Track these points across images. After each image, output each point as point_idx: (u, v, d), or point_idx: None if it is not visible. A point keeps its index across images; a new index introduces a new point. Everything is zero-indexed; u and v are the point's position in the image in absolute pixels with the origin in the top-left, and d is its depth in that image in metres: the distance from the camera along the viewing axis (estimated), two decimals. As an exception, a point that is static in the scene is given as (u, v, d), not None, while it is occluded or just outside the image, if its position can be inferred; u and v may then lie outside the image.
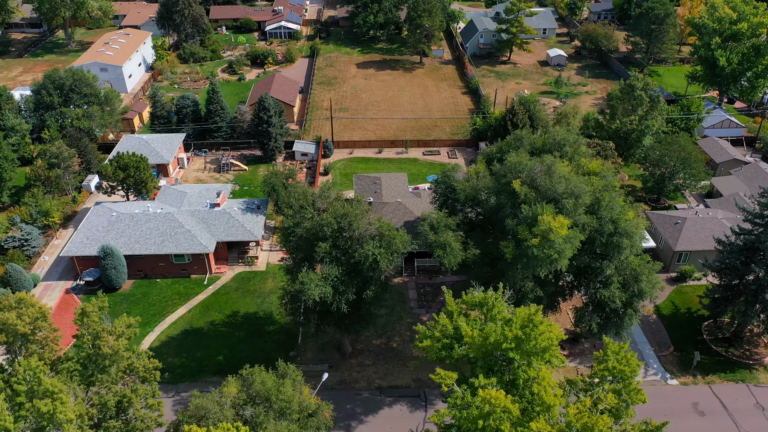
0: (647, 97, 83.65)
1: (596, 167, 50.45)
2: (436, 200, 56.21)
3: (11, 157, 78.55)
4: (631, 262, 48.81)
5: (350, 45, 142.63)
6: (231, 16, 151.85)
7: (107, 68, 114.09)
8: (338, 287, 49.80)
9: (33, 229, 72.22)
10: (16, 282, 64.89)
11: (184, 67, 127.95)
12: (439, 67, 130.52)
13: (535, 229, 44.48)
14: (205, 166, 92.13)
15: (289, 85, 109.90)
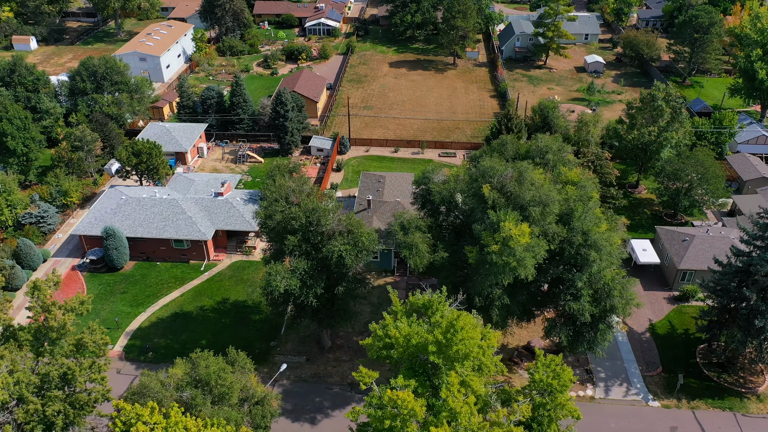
0: (668, 108, 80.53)
1: (574, 177, 49.16)
2: (415, 201, 56.11)
3: (38, 138, 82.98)
4: (604, 276, 47.34)
5: (387, 44, 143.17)
6: (274, 12, 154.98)
7: (146, 58, 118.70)
8: (306, 281, 50.53)
9: (50, 208, 76.17)
10: (26, 256, 68.70)
11: (222, 59, 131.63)
12: (472, 69, 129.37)
13: (497, 235, 43.88)
14: (223, 157, 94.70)
15: (315, 82, 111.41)
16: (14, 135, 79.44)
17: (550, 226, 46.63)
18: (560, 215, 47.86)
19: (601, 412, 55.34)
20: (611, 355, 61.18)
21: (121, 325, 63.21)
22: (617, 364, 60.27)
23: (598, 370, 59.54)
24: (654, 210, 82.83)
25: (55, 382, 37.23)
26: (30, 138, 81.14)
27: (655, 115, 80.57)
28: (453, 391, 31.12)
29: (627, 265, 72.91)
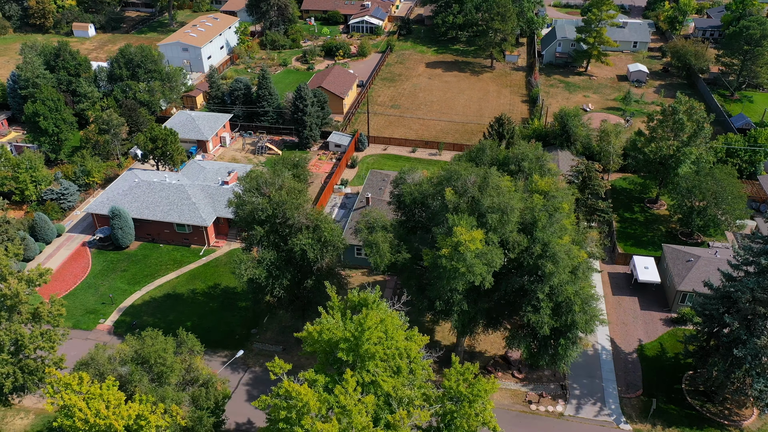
0: (691, 122, 76.93)
1: (545, 186, 47.93)
2: (392, 201, 56.11)
3: (69, 120, 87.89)
4: (566, 289, 46.03)
5: (427, 44, 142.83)
6: (321, 8, 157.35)
7: (188, 48, 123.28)
8: (272, 271, 51.65)
9: (71, 186, 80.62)
10: (41, 230, 73.04)
11: (263, 53, 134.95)
12: (509, 73, 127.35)
13: (448, 239, 43.53)
14: (244, 147, 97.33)
15: (345, 78, 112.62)
16: (46, 115, 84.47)
17: (510, 235, 45.79)
18: (524, 224, 46.92)
19: (567, 429, 53.91)
20: (590, 372, 59.42)
21: (116, 301, 66.33)
22: (595, 382, 58.43)
23: (574, 387, 57.91)
24: (670, 228, 79.43)
25: (7, 347, 39.81)
26: (61, 119, 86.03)
27: (676, 128, 77.18)
28: (348, 388, 31.28)
29: (628, 282, 70.64)
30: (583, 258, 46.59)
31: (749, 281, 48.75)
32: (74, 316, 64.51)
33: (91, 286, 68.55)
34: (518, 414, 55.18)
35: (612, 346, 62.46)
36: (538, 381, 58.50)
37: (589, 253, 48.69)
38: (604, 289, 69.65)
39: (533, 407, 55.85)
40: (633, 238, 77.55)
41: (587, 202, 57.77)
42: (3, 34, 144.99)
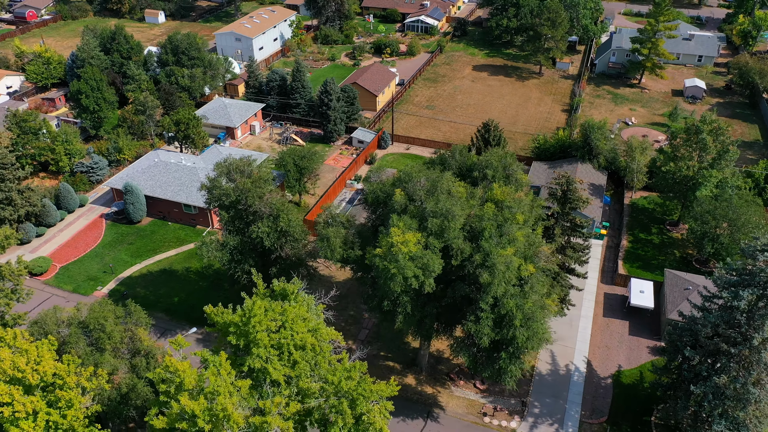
0: (716, 144, 72.31)
1: (500, 196, 46.84)
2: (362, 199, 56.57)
3: (110, 99, 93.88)
4: (507, 302, 44.90)
5: (480, 46, 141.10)
6: (381, 6, 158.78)
7: (241, 38, 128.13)
8: (235, 256, 53.53)
9: (102, 161, 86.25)
10: (65, 199, 78.70)
11: (315, 47, 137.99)
12: (556, 80, 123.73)
13: (385, 239, 43.67)
14: (271, 136, 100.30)
15: (382, 76, 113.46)
16: (88, 94, 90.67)
17: (455, 241, 45.25)
18: (472, 232, 46.20)
19: (515, 446, 52.61)
20: (557, 392, 57.53)
21: (115, 271, 70.59)
22: (559, 403, 56.53)
23: (535, 405, 56.31)
24: (686, 253, 75.07)
25: (-33, 299, 43.94)
26: (102, 98, 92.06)
27: (699, 149, 72.82)
28: (221, 371, 32.32)
29: (622, 305, 67.59)
30: (530, 272, 45.22)
31: (712, 315, 45.74)
32: (76, 281, 69.32)
33: (98, 255, 73.27)
34: (469, 425, 54.36)
35: (587, 369, 60.09)
36: (499, 394, 57.29)
37: (542, 267, 47.12)
38: (595, 310, 66.99)
39: (486, 420, 54.82)
40: (642, 260, 73.97)
41: (567, 216, 55.70)
42: (84, 17, 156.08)
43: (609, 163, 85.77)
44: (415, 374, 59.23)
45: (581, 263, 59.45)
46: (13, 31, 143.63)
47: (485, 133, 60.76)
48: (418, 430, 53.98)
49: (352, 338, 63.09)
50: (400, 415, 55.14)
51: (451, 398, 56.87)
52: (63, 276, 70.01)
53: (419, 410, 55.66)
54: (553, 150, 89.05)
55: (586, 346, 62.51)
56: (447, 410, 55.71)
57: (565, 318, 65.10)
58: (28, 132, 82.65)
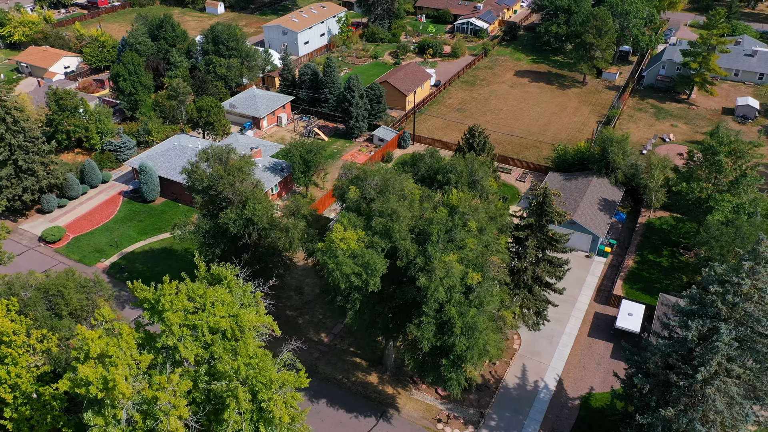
0: (734, 166, 68.16)
1: (455, 201, 46.21)
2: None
3: (146, 83, 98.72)
4: (449, 309, 44.36)
5: (527, 52, 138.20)
6: (434, 6, 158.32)
7: (287, 32, 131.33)
8: (207, 240, 55.48)
9: (130, 141, 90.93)
10: (88, 175, 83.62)
11: (360, 44, 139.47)
12: (599, 91, 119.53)
13: (328, 235, 44.19)
14: (296, 129, 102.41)
15: (416, 76, 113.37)
16: (125, 77, 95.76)
17: (401, 243, 45.17)
18: (420, 235, 45.94)
19: (461, 456, 51.88)
20: (518, 408, 56.20)
21: (120, 246, 74.47)
22: (518, 418, 55.20)
23: (493, 417, 55.26)
24: (694, 279, 71.18)
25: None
26: (138, 82, 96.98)
27: (716, 170, 68.90)
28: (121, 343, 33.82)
29: (611, 326, 65.01)
30: (476, 280, 44.42)
31: (662, 344, 43.52)
32: (83, 251, 73.65)
33: (108, 229, 77.50)
34: (420, 429, 54.02)
35: (557, 387, 58.28)
36: (459, 402, 56.53)
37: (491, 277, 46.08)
38: (581, 328, 64.76)
39: (439, 426, 54.30)
40: (644, 282, 70.79)
41: (542, 229, 54.06)
42: (151, 4, 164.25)
43: (628, 179, 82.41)
44: (380, 373, 59.35)
45: (557, 278, 57.68)
46: (84, 15, 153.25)
47: (470, 138, 59.84)
48: (368, 427, 54.16)
49: (327, 331, 63.89)
50: (354, 411, 55.59)
51: (410, 401, 56.65)
52: (73, 246, 74.54)
53: (375, 409, 55.81)
54: (572, 161, 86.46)
55: (561, 364, 60.61)
56: (402, 412, 55.57)
57: (545, 333, 63.43)
58: (66, 109, 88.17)
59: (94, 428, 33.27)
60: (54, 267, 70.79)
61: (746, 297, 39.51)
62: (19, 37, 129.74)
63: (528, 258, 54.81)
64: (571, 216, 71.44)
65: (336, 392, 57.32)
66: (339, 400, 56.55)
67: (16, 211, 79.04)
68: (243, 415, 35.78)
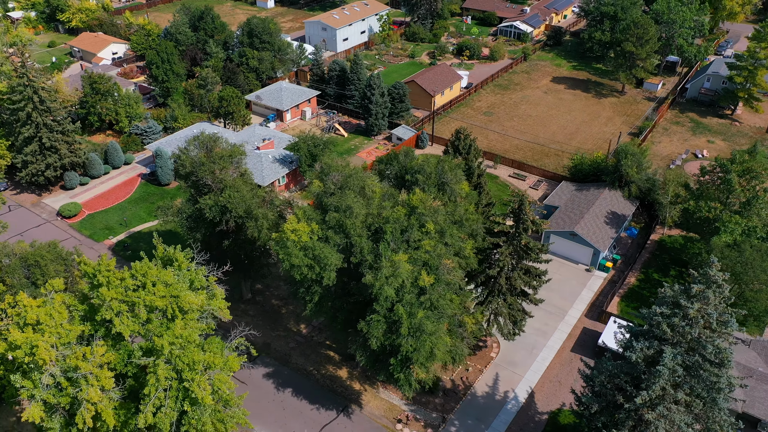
0: (747, 187, 64.53)
1: (415, 202, 45.90)
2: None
3: (178, 72, 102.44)
4: (397, 308, 44.24)
5: (569, 58, 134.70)
6: (481, 8, 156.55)
7: (326, 28, 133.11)
8: (190, 224, 57.34)
9: (156, 126, 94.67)
10: (111, 156, 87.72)
11: (399, 43, 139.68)
12: (638, 102, 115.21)
13: (283, 226, 44.95)
14: (318, 123, 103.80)
15: (446, 77, 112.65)
16: (158, 65, 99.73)
17: (356, 239, 45.40)
18: (377, 233, 45.99)
19: (414, 459, 51.61)
20: (483, 416, 55.37)
21: (129, 225, 77.79)
22: (480, 427, 54.35)
23: (455, 423, 54.63)
24: (698, 302, 67.79)
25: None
26: (170, 70, 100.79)
27: (726, 190, 65.47)
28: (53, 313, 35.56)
29: (595, 343, 62.92)
30: (428, 282, 44.07)
31: (609, 364, 41.95)
32: (94, 228, 77.41)
33: (121, 208, 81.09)
34: (379, 428, 54.05)
35: (527, 400, 56.98)
36: (424, 405, 56.20)
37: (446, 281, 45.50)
38: (565, 343, 63.00)
39: (398, 426, 54.16)
40: (642, 301, 68.09)
41: (517, 237, 52.81)
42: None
43: (643, 194, 79.32)
44: (351, 368, 59.66)
45: (533, 288, 56.36)
46: (141, 5, 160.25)
47: (456, 141, 59.09)
48: (327, 420, 54.62)
49: (306, 323, 64.71)
50: (318, 403, 56.19)
51: (374, 398, 56.73)
52: (87, 222, 78.47)
53: (338, 403, 56.21)
54: (587, 172, 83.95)
55: (537, 377, 59.18)
56: (364, 409, 55.72)
57: (526, 344, 62.12)
58: (99, 93, 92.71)
59: (22, 390, 35.24)
60: (65, 240, 74.73)
61: (692, 321, 37.56)
62: (76, 22, 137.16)
63: (501, 265, 53.77)
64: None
65: (304, 383, 58.07)
66: (305, 391, 57.28)
67: (41, 186, 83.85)
68: (168, 392, 36.99)
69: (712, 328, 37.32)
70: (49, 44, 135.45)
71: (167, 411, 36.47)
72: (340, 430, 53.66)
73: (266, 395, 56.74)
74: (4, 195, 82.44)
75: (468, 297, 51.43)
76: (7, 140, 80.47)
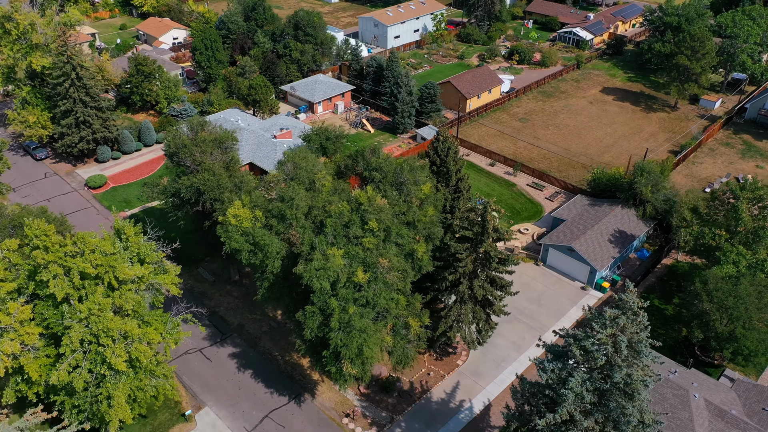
0: (759, 216, 59.81)
1: (362, 198, 45.91)
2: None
3: (220, 59, 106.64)
4: (330, 302, 44.60)
5: (626, 69, 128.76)
6: (543, 12, 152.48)
7: (378, 25, 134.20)
8: (175, 203, 60.11)
9: (192, 109, 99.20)
10: (144, 134, 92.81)
11: (452, 44, 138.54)
12: (689, 119, 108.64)
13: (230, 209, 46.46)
14: (348, 118, 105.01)
15: (484, 80, 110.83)
16: (202, 51, 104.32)
17: (298, 229, 46.19)
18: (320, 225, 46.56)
19: (351, 454, 51.78)
20: (430, 422, 54.77)
21: (144, 201, 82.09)
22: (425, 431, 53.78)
23: (401, 424, 54.35)
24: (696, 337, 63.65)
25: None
26: (213, 57, 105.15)
27: (733, 217, 61.00)
28: None
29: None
30: (363, 279, 44.13)
31: (527, 383, 40.46)
32: (114, 200, 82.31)
33: (143, 184, 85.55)
34: (324, 419, 54.59)
35: (482, 412, 55.74)
36: (377, 403, 56.20)
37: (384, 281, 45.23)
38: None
39: (345, 421, 54.49)
40: (634, 327, 64.59)
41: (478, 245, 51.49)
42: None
43: (660, 214, 75.17)
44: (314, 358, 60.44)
45: (497, 298, 54.94)
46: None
47: (435, 143, 57.94)
48: (277, 405, 55.67)
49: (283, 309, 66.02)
50: (273, 387, 57.40)
51: (329, 390, 57.28)
52: (108, 194, 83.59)
53: (293, 390, 57.16)
54: (605, 187, 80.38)
55: (498, 390, 57.69)
56: (316, 399, 56.41)
57: (496, 356, 60.75)
58: (143, 74, 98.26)
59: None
60: (84, 209, 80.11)
61: (602, 344, 35.61)
62: (148, 7, 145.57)
63: (462, 272, 52.80)
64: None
65: (266, 367, 59.44)
66: (265, 375, 58.62)
67: (76, 157, 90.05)
68: (87, 355, 39.29)
69: (621, 355, 35.24)
70: (120, 27, 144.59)
71: (83, 372, 38.74)
72: (286, 416, 54.66)
73: (227, 374, 58.60)
74: (46, 162, 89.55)
75: (418, 299, 50.93)
76: (50, 113, 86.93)
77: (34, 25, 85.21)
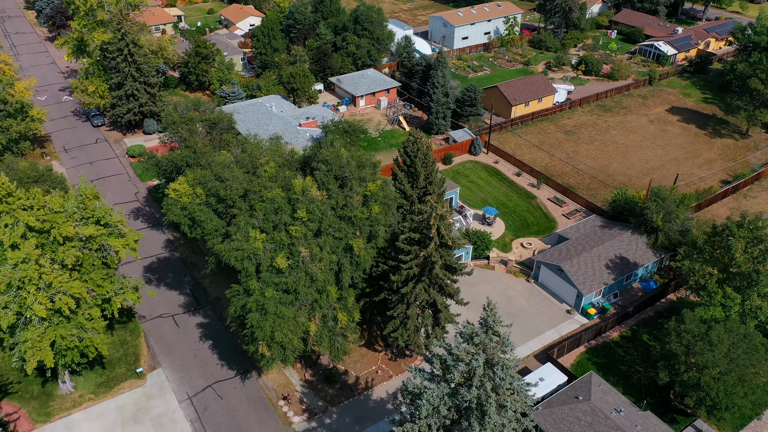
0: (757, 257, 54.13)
1: (297, 188, 46.87)
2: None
3: (278, 47, 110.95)
4: (252, 283, 46.14)
5: (704, 89, 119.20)
6: (629, 23, 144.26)
7: (447, 24, 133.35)
8: (166, 174, 64.20)
9: (240, 92, 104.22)
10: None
11: (521, 49, 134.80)
12: (759, 148, 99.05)
13: (175, 185, 49.32)
14: (387, 114, 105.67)
15: (535, 88, 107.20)
16: (259, 38, 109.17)
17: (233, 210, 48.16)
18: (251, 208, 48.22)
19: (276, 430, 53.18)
20: (361, 419, 55.05)
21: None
22: (354, 428, 53.99)
23: (333, 415, 54.94)
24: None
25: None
26: (269, 44, 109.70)
27: (724, 255, 55.68)
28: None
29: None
30: (282, 265, 45.30)
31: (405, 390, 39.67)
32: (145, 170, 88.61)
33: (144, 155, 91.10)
34: (261, 398, 56.20)
35: (417, 418, 54.97)
36: (317, 391, 57.03)
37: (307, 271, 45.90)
38: (494, 376, 58.95)
39: (281, 403, 55.84)
40: (609, 360, 61.00)
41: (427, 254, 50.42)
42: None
43: (673, 245, 69.87)
44: (274, 340, 62.28)
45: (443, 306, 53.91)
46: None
47: (406, 144, 56.75)
48: (223, 378, 58.01)
49: (262, 290, 68.49)
50: (226, 360, 59.88)
51: (277, 372, 58.83)
52: (143, 163, 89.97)
53: (243, 366, 59.21)
54: (621, 209, 75.64)
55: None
56: (261, 378, 58.18)
57: (449, 365, 59.37)
58: (200, 56, 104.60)
59: None
60: (118, 174, 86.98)
61: (458, 361, 34.39)
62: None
63: (407, 274, 52.34)
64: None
65: (227, 341, 61.91)
66: (223, 348, 61.11)
67: (126, 127, 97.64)
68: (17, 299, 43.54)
69: (474, 372, 33.84)
70: (208, 11, 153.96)
71: (9, 314, 42.99)
72: (228, 389, 56.90)
73: (188, 341, 61.83)
74: (101, 129, 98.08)
75: (351, 294, 51.16)
76: (107, 84, 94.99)
77: (102, 3, 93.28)
